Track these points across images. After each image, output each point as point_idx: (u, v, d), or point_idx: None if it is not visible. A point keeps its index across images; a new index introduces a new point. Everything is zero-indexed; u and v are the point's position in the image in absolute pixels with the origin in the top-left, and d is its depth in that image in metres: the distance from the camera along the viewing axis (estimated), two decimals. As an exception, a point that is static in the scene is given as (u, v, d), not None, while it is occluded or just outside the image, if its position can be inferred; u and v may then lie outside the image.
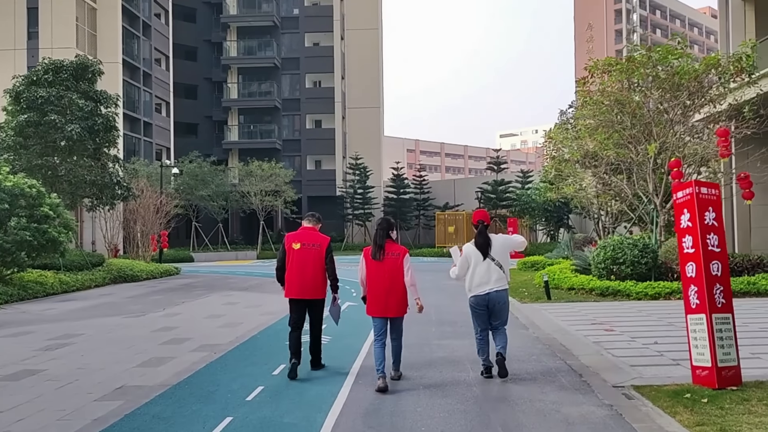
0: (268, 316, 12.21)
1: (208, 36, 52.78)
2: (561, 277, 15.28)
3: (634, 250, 13.99)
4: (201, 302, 15.11)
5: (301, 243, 7.08)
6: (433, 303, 13.59)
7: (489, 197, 40.86)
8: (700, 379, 6.27)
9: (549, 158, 18.38)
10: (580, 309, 12.18)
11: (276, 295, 16.41)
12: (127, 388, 6.69)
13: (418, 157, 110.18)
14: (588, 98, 15.11)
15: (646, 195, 15.90)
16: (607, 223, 21.64)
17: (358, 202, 46.02)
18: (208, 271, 27.13)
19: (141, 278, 21.97)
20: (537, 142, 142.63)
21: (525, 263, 22.39)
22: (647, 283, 13.52)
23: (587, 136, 14.86)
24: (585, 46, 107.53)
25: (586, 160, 15.61)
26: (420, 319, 11.20)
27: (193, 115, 52.29)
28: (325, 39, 52.07)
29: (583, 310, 12.08)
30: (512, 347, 8.69)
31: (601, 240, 15.41)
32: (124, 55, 39.65)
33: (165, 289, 18.91)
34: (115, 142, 21.08)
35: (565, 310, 12.06)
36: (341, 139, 51.45)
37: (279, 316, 12.00)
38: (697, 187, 6.45)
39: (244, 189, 40.73)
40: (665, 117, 15.05)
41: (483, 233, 6.83)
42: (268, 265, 32.08)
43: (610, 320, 10.60)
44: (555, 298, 13.76)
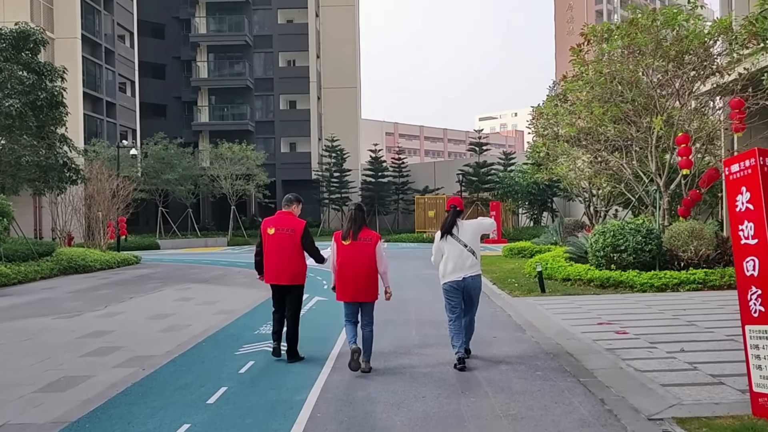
0: (221, 315, 10.54)
1: (176, 12, 50.29)
2: (555, 266, 13.79)
3: (637, 236, 12.53)
4: (151, 298, 13.38)
5: (275, 228, 6.97)
6: (412, 298, 12.04)
7: (471, 180, 39.33)
8: (764, 410, 4.78)
9: (538, 136, 16.76)
10: (581, 304, 10.70)
11: (238, 288, 14.76)
12: (5, 429, 5.02)
13: (397, 140, 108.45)
14: (585, 68, 13.53)
15: (647, 175, 14.45)
16: (599, 206, 20.20)
17: (334, 185, 44.26)
18: (172, 259, 25.30)
19: (94, 269, 20.10)
20: (516, 125, 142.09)
21: (511, 249, 20.91)
22: (652, 273, 12.09)
23: (582, 110, 13.30)
24: (565, 27, 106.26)
25: (581, 136, 14.06)
26: (397, 320, 9.64)
27: (162, 95, 49.93)
28: (300, 16, 49.89)
29: (584, 305, 10.60)
30: (511, 356, 7.17)
31: (598, 225, 13.89)
32: (84, 30, 37.26)
33: (117, 281, 17.11)
34: (63, 119, 19.05)
35: (563, 306, 10.56)
36: (317, 121, 49.52)
37: (234, 316, 10.34)
38: (762, 158, 4.89)
39: (214, 173, 38.71)
40: (670, 88, 13.56)
41: (452, 217, 6.82)
42: (238, 252, 30.30)
43: (617, 318, 9.12)
44: (550, 290, 12.27)
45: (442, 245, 6.82)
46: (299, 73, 49.30)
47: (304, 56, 49.46)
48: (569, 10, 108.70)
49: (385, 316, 9.93)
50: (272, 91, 49.29)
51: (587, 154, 13.84)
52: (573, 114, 13.95)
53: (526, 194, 37.50)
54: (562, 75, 14.84)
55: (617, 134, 14.22)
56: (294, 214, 7.15)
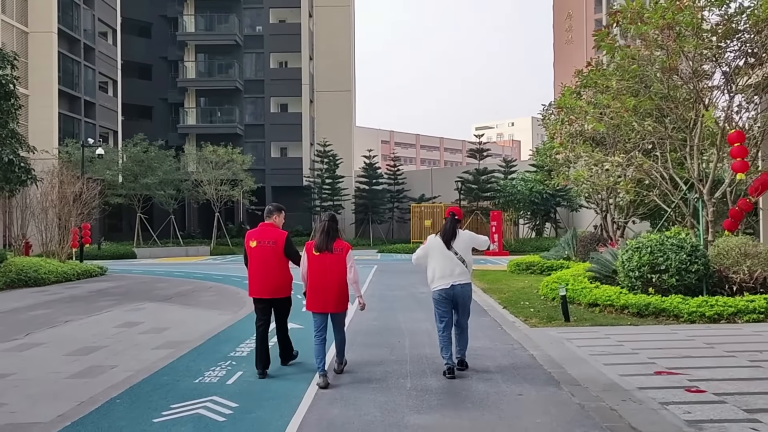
0: (163, 351, 8.25)
1: (164, 11, 48.11)
2: (577, 288, 11.55)
3: (680, 254, 10.32)
4: (91, 322, 11.08)
5: (257, 241, 6.84)
6: (407, 327, 9.78)
7: (470, 187, 37.11)
8: None
9: (553, 136, 14.43)
10: (620, 339, 8.46)
11: (202, 310, 12.51)
12: None
13: (393, 148, 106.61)
14: (616, 53, 11.33)
15: (685, 180, 12.28)
16: (617, 216, 17.99)
17: (326, 192, 42.05)
18: (143, 270, 22.98)
19: (48, 281, 17.78)
20: (513, 135, 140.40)
21: (518, 265, 18.66)
22: (701, 299, 9.89)
23: (611, 103, 11.10)
24: (564, 36, 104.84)
25: (608, 134, 11.84)
26: (388, 361, 7.37)
27: (148, 97, 47.66)
28: (292, 15, 47.80)
29: (624, 340, 8.37)
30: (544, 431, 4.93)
31: (630, 240, 11.66)
32: (61, 25, 35.01)
33: (65, 298, 14.80)
34: (13, 113, 16.76)
35: (598, 342, 8.33)
36: (309, 125, 47.34)
37: (180, 351, 8.07)
38: None
39: (197, 177, 36.42)
40: (714, 79, 11.41)
41: (451, 224, 6.79)
42: (219, 263, 27.99)
43: (677, 365, 6.91)
44: (575, 318, 10.05)
45: (432, 249, 6.78)
46: (291, 75, 47.19)
47: (297, 57, 47.36)
48: (568, 19, 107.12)
49: (375, 354, 7.72)
50: (263, 93, 47.12)
51: (618, 154, 11.62)
52: (597, 108, 11.74)
53: (528, 203, 35.38)
54: (586, 62, 12.73)
55: (650, 132, 12.04)
56: (276, 225, 6.99)
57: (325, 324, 6.51)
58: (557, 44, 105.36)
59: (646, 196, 14.85)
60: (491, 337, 8.82)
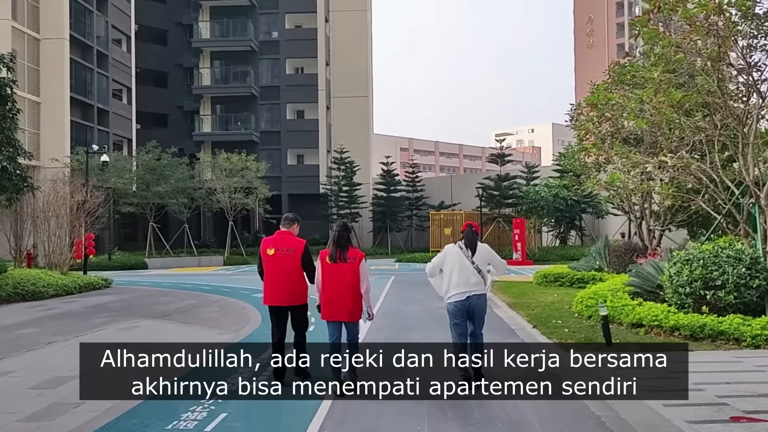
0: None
1: (179, 18, 47.51)
2: (617, 305, 10.25)
3: (739, 267, 9.00)
4: (75, 343, 10.02)
5: (275, 248, 6.81)
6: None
7: (492, 194, 35.73)
8: None
9: (591, 135, 13.02)
10: (676, 368, 7.18)
11: (199, 329, 11.43)
12: None
13: (412, 155, 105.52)
14: (659, 42, 10.07)
15: (736, 183, 10.95)
16: (652, 224, 16.61)
17: (343, 200, 40.99)
18: (151, 282, 22.04)
19: (47, 295, 16.83)
20: (533, 141, 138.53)
21: (546, 276, 17.32)
22: (765, 320, 8.57)
23: (654, 96, 9.83)
24: (585, 40, 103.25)
25: (650, 132, 10.54)
26: (401, 412, 6.15)
27: (163, 105, 47.03)
28: (308, 21, 46.96)
29: (682, 370, 7.08)
30: None
31: (679, 251, 10.34)
32: (73, 31, 34.45)
33: (59, 314, 13.82)
34: (10, 119, 15.91)
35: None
36: (326, 132, 46.37)
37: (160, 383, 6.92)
38: None
39: (211, 185, 35.56)
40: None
41: (473, 234, 6.71)
42: (231, 273, 27.03)
43: (753, 404, 5.64)
44: (617, 339, 8.79)
45: (448, 258, 6.65)
46: (307, 81, 46.28)
47: (313, 63, 46.45)
48: (589, 23, 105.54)
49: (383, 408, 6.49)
50: (279, 99, 46.27)
51: (661, 155, 10.29)
52: (636, 104, 10.46)
53: (552, 210, 33.95)
54: (624, 53, 11.51)
55: (696, 129, 10.75)
56: (294, 234, 6.94)
57: (340, 332, 6.55)
58: (578, 49, 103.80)
59: (687, 201, 13.53)
60: (525, 375, 7.59)
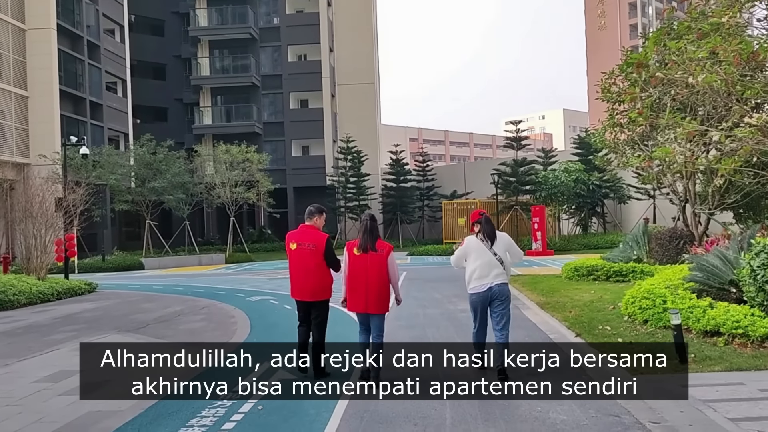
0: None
1: (176, 7, 45.70)
2: (682, 308, 8.21)
3: None
4: (13, 371, 8.21)
5: (297, 243, 6.73)
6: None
7: (508, 180, 33.66)
8: None
9: (638, 100, 10.84)
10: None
11: (165, 347, 9.49)
12: None
13: (421, 144, 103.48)
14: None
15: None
16: (698, 207, 14.53)
17: (351, 192, 39.10)
18: (141, 285, 20.25)
19: (18, 304, 15.05)
20: (544, 128, 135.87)
21: (576, 269, 15.29)
22: None
23: (730, 44, 7.82)
24: (597, 21, 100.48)
25: (726, 89, 8.46)
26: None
27: (162, 98, 45.27)
28: (310, 5, 44.93)
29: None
30: None
31: (760, 239, 8.30)
32: (61, 21, 32.66)
33: (18, 328, 11.97)
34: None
35: (760, 410, 5.11)
36: (331, 121, 44.41)
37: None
38: None
39: (210, 180, 33.76)
40: None
41: (489, 224, 6.65)
42: (231, 273, 25.22)
43: None
44: (691, 353, 6.84)
45: (470, 250, 6.60)
46: (311, 69, 44.29)
47: (316, 50, 44.46)
48: (600, 3, 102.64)
49: None
50: (281, 89, 44.36)
51: (746, 114, 8.24)
52: (706, 53, 8.40)
53: (573, 196, 31.89)
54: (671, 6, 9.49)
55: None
56: (317, 227, 6.87)
57: (368, 321, 6.49)
58: (590, 31, 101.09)
59: (743, 179, 11.51)
60: (582, 407, 5.65)
